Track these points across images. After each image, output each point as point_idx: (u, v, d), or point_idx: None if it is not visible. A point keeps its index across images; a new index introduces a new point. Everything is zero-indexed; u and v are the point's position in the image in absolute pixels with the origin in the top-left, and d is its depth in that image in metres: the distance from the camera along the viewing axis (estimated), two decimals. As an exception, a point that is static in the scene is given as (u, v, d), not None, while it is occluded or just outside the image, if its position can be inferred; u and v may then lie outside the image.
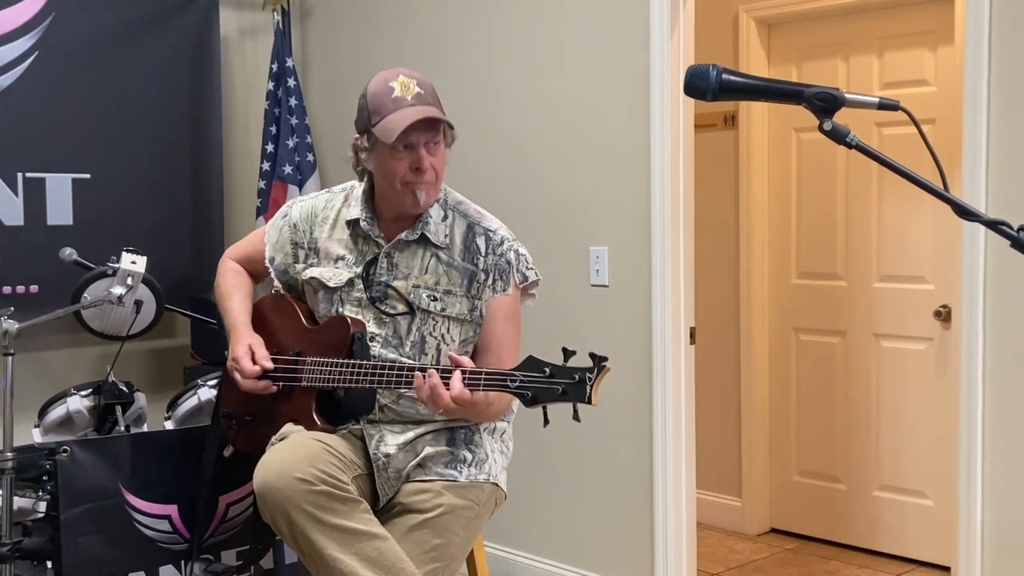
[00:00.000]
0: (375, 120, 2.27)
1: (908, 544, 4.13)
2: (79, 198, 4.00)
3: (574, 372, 1.94)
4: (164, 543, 2.58)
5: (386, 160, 2.28)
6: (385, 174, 2.30)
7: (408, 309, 2.34)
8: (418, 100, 2.26)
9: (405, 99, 2.26)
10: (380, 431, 2.32)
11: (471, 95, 3.85)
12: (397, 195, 2.31)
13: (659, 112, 3.31)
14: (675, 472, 3.38)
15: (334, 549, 2.10)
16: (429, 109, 2.26)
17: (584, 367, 1.93)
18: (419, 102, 2.26)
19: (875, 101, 1.41)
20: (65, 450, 2.46)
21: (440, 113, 2.29)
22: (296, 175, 4.35)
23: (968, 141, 2.76)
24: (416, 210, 2.33)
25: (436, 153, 2.30)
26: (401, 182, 2.28)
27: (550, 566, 3.73)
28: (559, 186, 3.63)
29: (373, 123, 2.27)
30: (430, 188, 2.31)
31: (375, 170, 2.33)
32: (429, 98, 2.29)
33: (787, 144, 4.43)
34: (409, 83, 2.27)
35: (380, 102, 2.27)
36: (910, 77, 4.02)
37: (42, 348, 3.90)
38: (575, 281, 3.58)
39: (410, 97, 2.26)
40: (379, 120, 2.26)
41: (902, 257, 4.10)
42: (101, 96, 4.07)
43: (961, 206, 1.37)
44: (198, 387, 3.06)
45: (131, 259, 2.81)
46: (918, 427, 4.08)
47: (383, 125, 2.25)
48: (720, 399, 4.52)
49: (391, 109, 2.25)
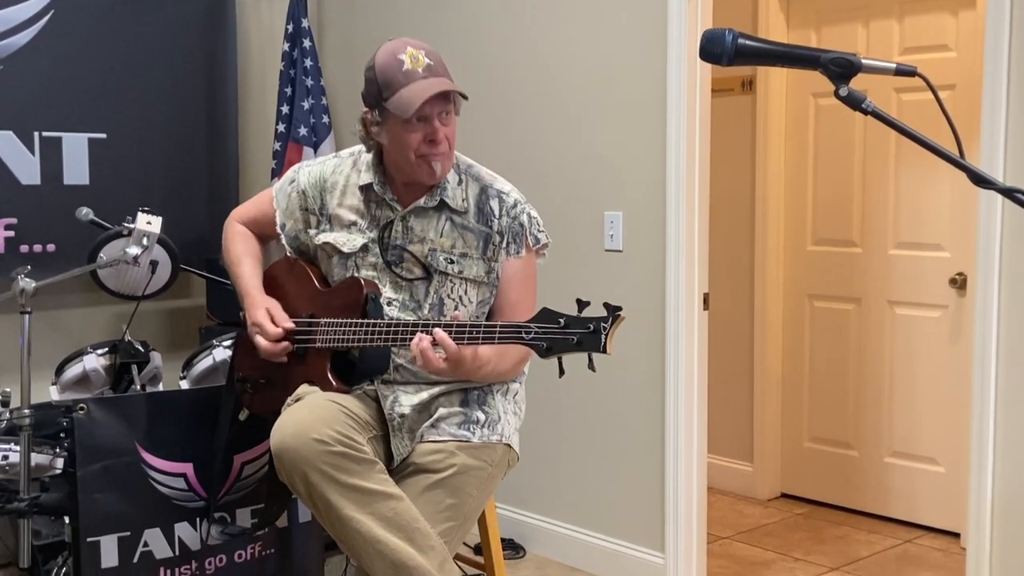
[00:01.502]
0: (387, 94, 2.25)
1: (918, 510, 4.14)
2: (95, 158, 4.01)
3: (589, 322, 1.94)
4: (179, 500, 2.61)
5: (399, 133, 2.27)
6: (399, 147, 2.29)
7: (425, 273, 2.34)
8: (429, 72, 2.25)
9: (416, 72, 2.24)
10: (395, 391, 2.34)
11: (486, 58, 3.83)
12: (412, 166, 2.30)
13: (676, 77, 3.29)
14: (687, 436, 3.39)
15: (351, 509, 2.12)
16: (443, 81, 2.25)
17: (599, 316, 1.93)
18: (430, 74, 2.25)
19: (892, 67, 1.40)
20: (82, 408, 2.49)
21: (452, 83, 2.27)
22: (311, 137, 4.35)
23: (987, 107, 2.74)
24: (432, 181, 2.32)
25: (449, 123, 2.29)
26: (416, 154, 2.27)
27: (561, 528, 3.76)
28: (574, 151, 3.62)
29: (385, 97, 2.25)
30: (445, 159, 2.30)
31: (387, 143, 2.32)
32: (439, 69, 2.27)
33: (805, 110, 4.39)
34: (418, 55, 2.26)
35: (390, 76, 2.25)
36: (931, 42, 3.98)
37: (59, 307, 3.93)
38: (589, 246, 3.58)
39: (421, 69, 2.24)
40: (391, 95, 2.24)
41: (918, 224, 4.08)
42: (117, 56, 4.06)
43: (977, 173, 1.36)
44: (213, 347, 3.09)
45: (147, 219, 2.82)
46: (930, 394, 4.08)
47: (397, 100, 2.23)
48: (733, 365, 4.53)
49: (403, 83, 2.23)
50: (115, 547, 2.52)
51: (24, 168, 3.86)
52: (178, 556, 2.60)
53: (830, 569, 3.72)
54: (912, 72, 1.38)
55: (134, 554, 2.54)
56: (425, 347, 2.09)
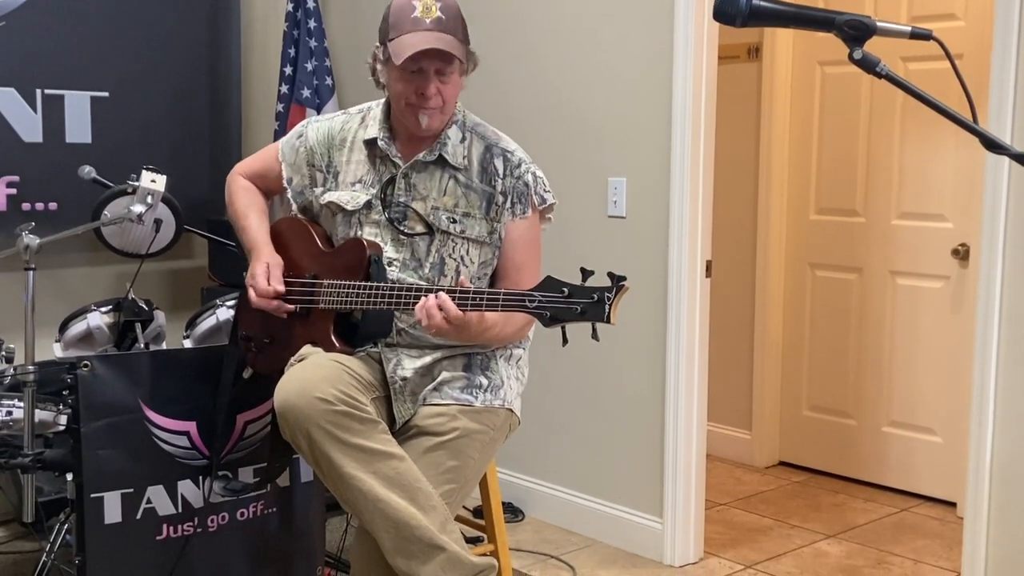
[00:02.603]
0: (392, 36, 2.26)
1: (915, 479, 4.17)
2: (98, 116, 3.99)
3: (593, 292, 1.94)
4: (183, 458, 2.62)
5: (395, 79, 2.29)
6: (392, 91, 2.33)
7: (427, 230, 2.34)
8: (436, 25, 2.23)
9: (423, 21, 2.23)
10: (398, 354, 2.35)
11: (492, 22, 3.80)
12: (402, 113, 2.32)
13: (683, 42, 3.27)
14: (687, 403, 3.40)
15: (353, 467, 2.13)
16: (442, 37, 2.23)
17: (603, 286, 1.93)
18: (437, 27, 2.23)
19: (907, 30, 1.40)
20: (86, 365, 2.49)
21: (457, 43, 2.25)
22: (314, 99, 4.33)
23: (996, 76, 2.73)
24: (418, 132, 2.32)
25: (447, 82, 2.27)
26: (406, 103, 2.29)
27: (561, 492, 3.79)
28: (578, 115, 3.60)
29: (391, 38, 2.26)
30: (434, 114, 2.30)
31: (386, 83, 2.35)
32: (449, 24, 2.25)
33: (811, 78, 4.37)
34: (432, 5, 2.24)
35: (399, 17, 2.25)
36: (939, 11, 3.95)
37: (62, 265, 3.92)
38: (592, 212, 3.57)
39: (428, 20, 2.23)
40: (395, 37, 2.25)
41: (922, 195, 4.07)
42: (120, 14, 4.03)
43: (989, 138, 1.36)
44: (216, 307, 3.09)
45: (151, 177, 2.81)
46: (930, 365, 4.09)
47: (395, 44, 2.24)
48: (734, 333, 4.54)
49: (407, 29, 2.23)
50: (118, 503, 2.53)
51: (26, 125, 3.83)
52: (181, 513, 2.62)
53: (827, 536, 3.75)
54: (928, 35, 1.38)
55: (137, 511, 2.56)
56: (431, 306, 2.09)
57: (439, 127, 2.34)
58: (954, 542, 3.55)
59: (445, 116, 2.34)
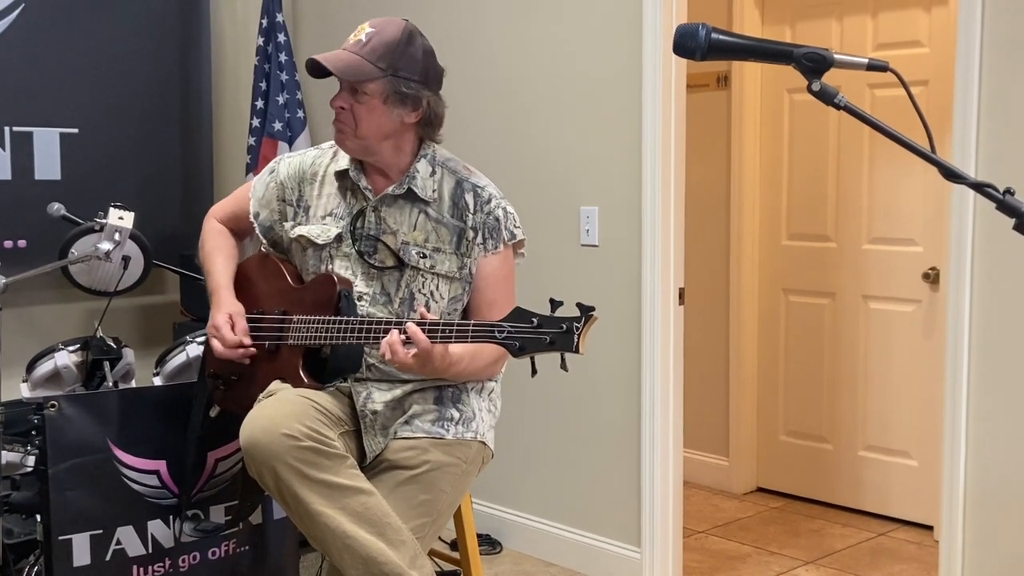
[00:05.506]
0: None
1: (892, 503, 4.17)
2: (67, 153, 3.98)
3: (561, 322, 1.94)
4: (152, 498, 2.59)
5: None
6: None
7: (397, 263, 2.33)
8: (353, 46, 2.26)
9: (348, 41, 2.28)
10: (368, 388, 2.33)
11: (461, 52, 3.82)
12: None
13: (652, 71, 3.29)
14: (663, 431, 3.40)
15: (320, 504, 2.11)
16: (340, 55, 2.25)
17: (571, 316, 1.94)
18: (350, 47, 2.26)
19: (864, 62, 1.41)
20: (53, 405, 2.46)
21: (359, 64, 2.22)
22: (286, 132, 4.33)
23: (959, 103, 2.75)
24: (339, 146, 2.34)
25: (361, 102, 2.26)
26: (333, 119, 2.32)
27: (537, 523, 3.76)
28: (550, 145, 3.62)
29: None
30: (345, 132, 2.29)
31: None
32: (368, 47, 2.24)
33: (779, 105, 4.41)
34: (363, 27, 2.29)
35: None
36: (904, 38, 4.00)
37: (30, 303, 3.89)
38: (565, 241, 3.58)
39: (351, 40, 2.28)
40: None
41: (892, 220, 4.10)
42: (89, 50, 4.03)
43: (948, 168, 1.36)
44: (186, 343, 3.06)
45: (119, 215, 2.80)
46: (904, 388, 4.10)
47: None
48: (709, 359, 4.54)
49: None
50: (87, 545, 2.50)
51: (-6, 163, 3.82)
52: (151, 554, 2.58)
53: (805, 562, 3.74)
54: (884, 67, 1.39)
55: (106, 552, 2.52)
56: (394, 340, 2.08)
57: (356, 151, 2.33)
58: (931, 566, 3.55)
59: (360, 141, 2.29)
